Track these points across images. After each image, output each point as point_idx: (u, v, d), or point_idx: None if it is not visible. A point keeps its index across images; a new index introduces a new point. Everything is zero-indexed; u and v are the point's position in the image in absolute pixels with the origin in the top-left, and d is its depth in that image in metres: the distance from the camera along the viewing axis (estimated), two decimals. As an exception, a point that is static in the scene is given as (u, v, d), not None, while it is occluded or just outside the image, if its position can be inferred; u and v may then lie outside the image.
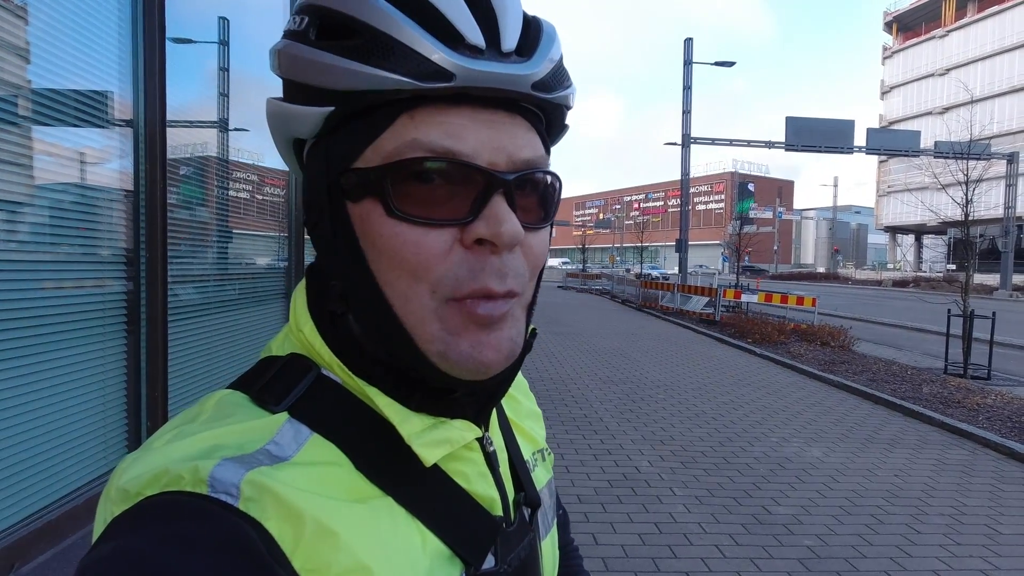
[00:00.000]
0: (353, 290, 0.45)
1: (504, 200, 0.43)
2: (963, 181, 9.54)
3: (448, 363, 0.43)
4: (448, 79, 0.41)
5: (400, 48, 0.41)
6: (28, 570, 1.75)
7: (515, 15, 0.44)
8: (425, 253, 0.42)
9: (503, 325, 0.44)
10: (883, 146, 26.36)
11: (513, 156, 0.43)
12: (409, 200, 0.42)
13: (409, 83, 0.41)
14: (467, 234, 0.42)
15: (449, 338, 0.43)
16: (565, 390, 7.32)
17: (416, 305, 0.43)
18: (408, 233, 0.42)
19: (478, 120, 0.43)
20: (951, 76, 48.99)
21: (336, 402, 0.45)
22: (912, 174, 42.34)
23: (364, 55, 0.41)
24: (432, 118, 0.42)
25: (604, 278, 28.41)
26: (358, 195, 0.44)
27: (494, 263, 0.43)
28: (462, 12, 0.42)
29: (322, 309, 0.48)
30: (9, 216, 1.97)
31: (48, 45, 2.05)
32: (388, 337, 0.44)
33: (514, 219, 0.42)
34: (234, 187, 3.84)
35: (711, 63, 21.30)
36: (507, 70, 0.42)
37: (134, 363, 2.38)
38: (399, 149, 0.42)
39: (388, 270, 0.43)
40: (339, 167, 0.44)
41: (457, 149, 0.42)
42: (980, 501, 4.31)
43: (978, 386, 7.81)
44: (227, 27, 3.54)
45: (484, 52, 0.42)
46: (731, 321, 13.52)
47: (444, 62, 0.41)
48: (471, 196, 0.42)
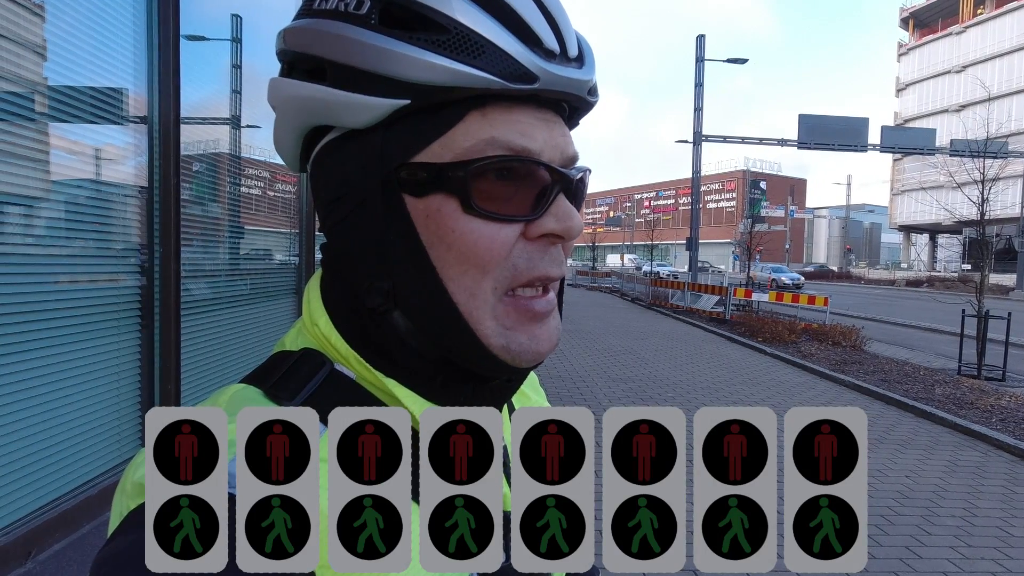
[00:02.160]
0: (407, 288, 0.45)
1: (565, 196, 0.46)
2: (979, 180, 9.42)
3: (511, 354, 0.45)
4: (532, 81, 0.42)
5: (491, 47, 0.42)
6: (44, 558, 1.78)
7: (570, 23, 0.46)
8: (497, 247, 0.43)
9: (552, 316, 0.47)
10: (898, 144, 26.11)
11: (565, 153, 0.46)
12: (486, 196, 0.43)
13: (499, 83, 0.42)
14: (534, 228, 0.44)
15: (508, 332, 0.45)
16: (575, 388, 7.32)
17: (480, 300, 0.44)
18: (483, 228, 0.43)
19: (539, 119, 0.45)
20: (968, 73, 48.37)
21: (349, 398, 0.46)
22: (927, 172, 41.90)
23: (454, 50, 0.41)
24: (504, 116, 0.43)
25: (614, 276, 28.37)
26: (424, 190, 0.43)
27: (553, 253, 0.46)
28: (538, 17, 0.44)
29: (340, 303, 0.48)
30: (26, 211, 1.99)
31: (65, 43, 2.07)
32: (447, 332, 0.45)
33: (577, 214, 0.46)
34: (246, 183, 3.86)
35: (723, 60, 21.17)
36: (577, 75, 0.45)
37: (148, 357, 2.41)
38: (477, 146, 0.42)
39: (455, 265, 0.44)
40: (397, 159, 0.44)
41: (531, 147, 0.44)
42: (992, 503, 4.26)
43: (992, 387, 7.72)
44: (240, 24, 3.56)
45: (556, 57, 0.44)
46: (741, 320, 13.45)
47: (530, 64, 0.42)
48: (534, 192, 0.45)
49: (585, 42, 0.48)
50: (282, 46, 0.47)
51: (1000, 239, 33.47)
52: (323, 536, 0.35)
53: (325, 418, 0.44)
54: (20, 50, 1.91)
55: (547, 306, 0.46)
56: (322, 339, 0.48)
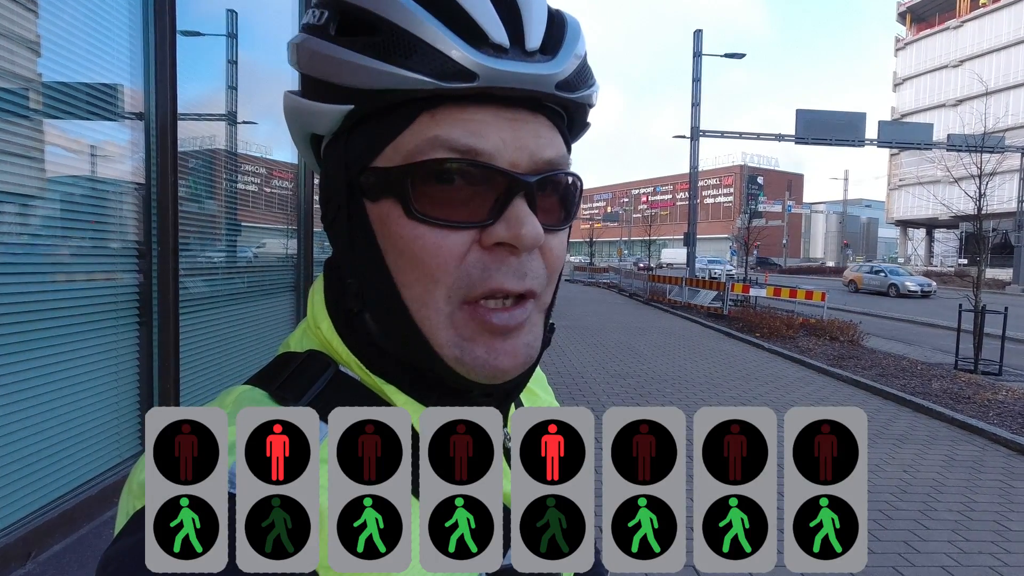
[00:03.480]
0: (370, 289, 0.45)
1: (525, 202, 0.42)
2: (976, 174, 9.43)
3: (464, 367, 0.43)
4: (471, 79, 0.40)
5: (422, 46, 0.40)
6: (44, 558, 1.78)
7: (540, 12, 0.44)
8: (444, 256, 0.41)
9: (519, 332, 0.44)
10: (895, 139, 26.11)
11: (535, 155, 0.43)
12: (429, 201, 0.41)
13: (430, 83, 0.40)
14: (487, 236, 0.42)
15: (464, 343, 0.43)
16: (573, 384, 7.33)
17: (432, 310, 0.43)
18: (427, 235, 0.41)
19: (501, 118, 0.42)
20: (965, 68, 48.34)
21: (354, 399, 0.46)
22: (924, 167, 41.88)
23: (385, 53, 0.40)
24: (454, 115, 0.41)
25: (611, 271, 28.38)
26: (377, 194, 0.43)
27: (512, 263, 0.43)
28: (486, 10, 0.41)
29: (337, 306, 0.48)
30: (23, 209, 1.98)
31: (60, 39, 2.06)
32: (405, 338, 0.44)
33: (535, 222, 0.42)
34: (244, 180, 3.85)
35: (721, 55, 21.13)
36: (531, 70, 0.42)
37: (146, 355, 2.40)
38: (420, 147, 0.41)
39: (406, 272, 0.43)
40: (358, 165, 0.44)
41: (480, 147, 0.41)
42: (990, 497, 4.28)
43: (989, 382, 7.75)
44: (235, 20, 3.55)
45: (508, 51, 0.41)
46: (739, 315, 13.48)
47: (467, 61, 0.40)
48: (491, 197, 0.42)
49: (569, 29, 0.45)
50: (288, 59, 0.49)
51: (997, 234, 33.51)
52: (323, 536, 0.35)
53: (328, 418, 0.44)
54: (15, 46, 1.90)
55: (509, 320, 0.43)
56: (325, 342, 0.48)
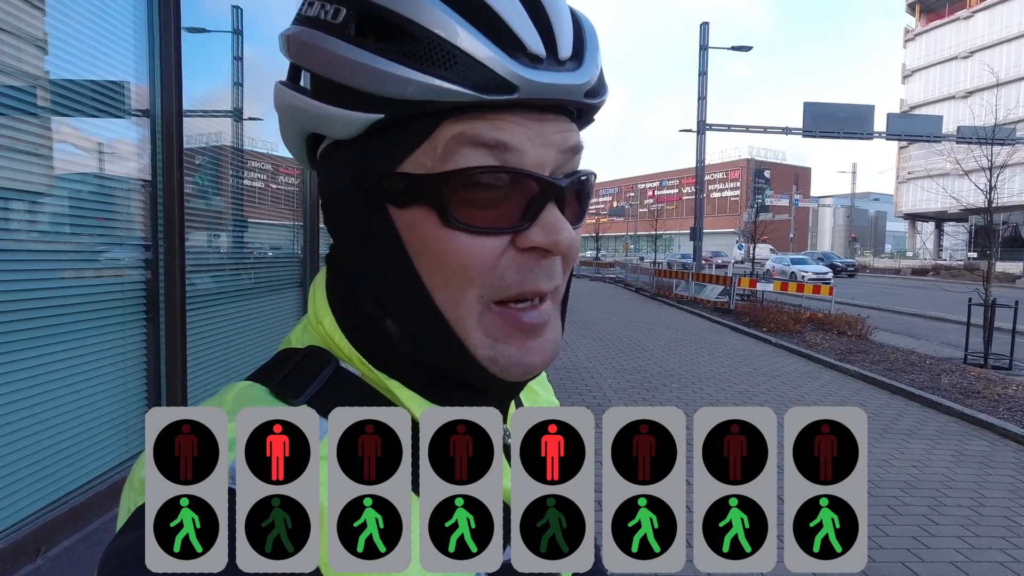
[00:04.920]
0: (395, 296, 0.44)
1: (556, 207, 0.43)
2: (987, 167, 9.34)
3: (499, 367, 0.44)
4: (511, 91, 0.40)
5: (462, 57, 0.39)
6: (54, 554, 1.80)
7: (567, 18, 0.43)
8: (481, 261, 0.42)
9: (546, 329, 0.45)
10: (904, 131, 25.88)
11: (563, 145, 0.43)
12: (465, 208, 0.41)
13: (471, 95, 0.39)
14: (522, 240, 0.42)
15: (496, 344, 0.43)
16: (579, 379, 7.33)
17: (465, 310, 0.43)
18: (464, 242, 0.41)
19: (526, 117, 0.42)
20: (975, 58, 47.76)
21: (355, 395, 0.46)
22: (933, 160, 41.51)
23: (422, 62, 0.39)
24: (483, 124, 0.41)
25: (617, 266, 28.35)
26: (405, 201, 0.42)
27: (544, 266, 0.43)
28: (522, 18, 0.40)
29: (343, 304, 0.48)
30: (29, 206, 2.00)
31: (65, 36, 2.06)
32: (435, 341, 0.44)
33: (568, 226, 0.43)
34: (249, 176, 3.86)
35: (728, 47, 20.99)
36: (565, 80, 0.42)
37: (154, 351, 2.42)
38: (448, 147, 0.41)
39: (439, 276, 0.43)
40: (380, 170, 0.43)
41: (507, 141, 0.41)
42: (1000, 493, 4.26)
43: (999, 376, 7.69)
44: (241, 16, 3.55)
45: (543, 61, 0.41)
46: (746, 310, 13.42)
47: (508, 73, 0.39)
48: (523, 202, 0.42)
49: (588, 33, 0.45)
50: (282, 51, 0.47)
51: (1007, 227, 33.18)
52: (323, 536, 0.35)
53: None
54: (21, 44, 1.91)
55: (539, 318, 0.44)
56: (327, 338, 0.48)
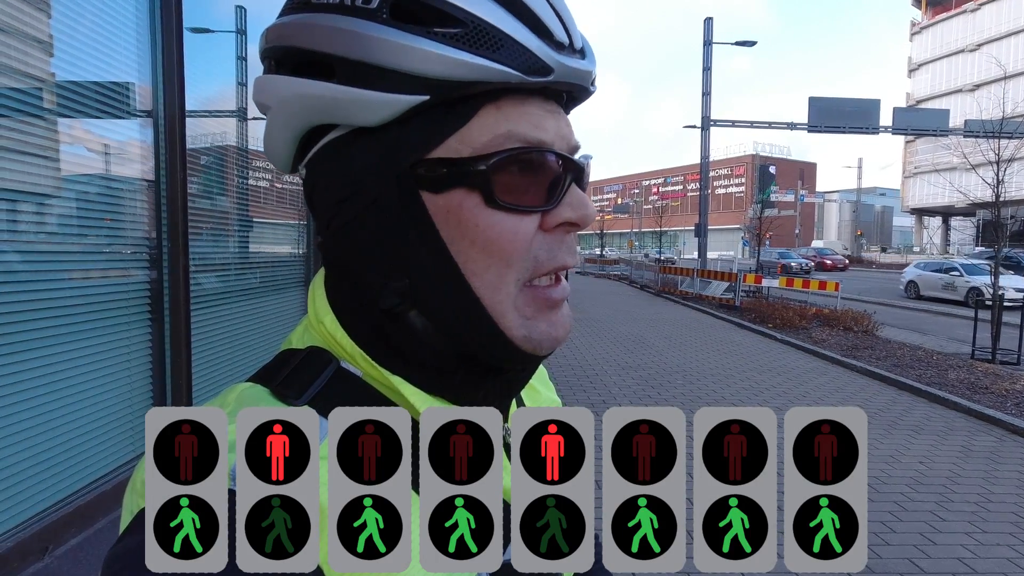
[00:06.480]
0: (426, 285, 0.44)
1: (576, 184, 0.46)
2: (994, 161, 9.27)
3: (532, 343, 0.46)
4: (548, 74, 0.43)
5: (509, 41, 0.42)
6: (60, 553, 1.81)
7: (571, 12, 0.47)
8: (520, 240, 0.44)
9: (564, 303, 0.49)
10: (910, 126, 25.71)
11: (570, 141, 0.47)
12: (506, 189, 0.43)
13: (517, 76, 0.42)
14: (552, 218, 0.45)
15: (528, 322, 0.46)
16: (584, 376, 7.33)
17: (504, 294, 0.45)
18: (505, 221, 0.43)
19: (547, 111, 0.46)
20: (983, 51, 47.38)
21: (355, 395, 0.46)
22: (940, 154, 41.22)
23: (472, 44, 0.41)
24: (517, 109, 0.44)
25: (622, 263, 28.32)
26: (444, 186, 0.43)
27: (569, 241, 0.47)
28: (547, 8, 0.44)
29: (346, 303, 0.48)
30: (33, 208, 2.01)
31: (69, 37, 2.07)
32: (469, 327, 0.45)
33: (590, 201, 0.47)
34: (252, 176, 3.87)
35: (732, 43, 20.89)
36: (584, 67, 0.46)
37: (158, 351, 2.43)
38: (495, 141, 0.43)
39: (479, 260, 0.44)
40: (413, 156, 0.43)
41: (546, 140, 0.44)
42: (1007, 488, 4.24)
43: (1007, 371, 7.65)
44: (244, 16, 3.55)
45: (566, 48, 0.45)
46: (751, 306, 13.39)
47: (547, 57, 0.43)
48: (548, 182, 0.45)
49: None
50: (273, 43, 0.46)
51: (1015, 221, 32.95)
52: (323, 536, 0.35)
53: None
54: (25, 46, 1.92)
55: (563, 293, 0.48)
56: (328, 337, 0.48)
